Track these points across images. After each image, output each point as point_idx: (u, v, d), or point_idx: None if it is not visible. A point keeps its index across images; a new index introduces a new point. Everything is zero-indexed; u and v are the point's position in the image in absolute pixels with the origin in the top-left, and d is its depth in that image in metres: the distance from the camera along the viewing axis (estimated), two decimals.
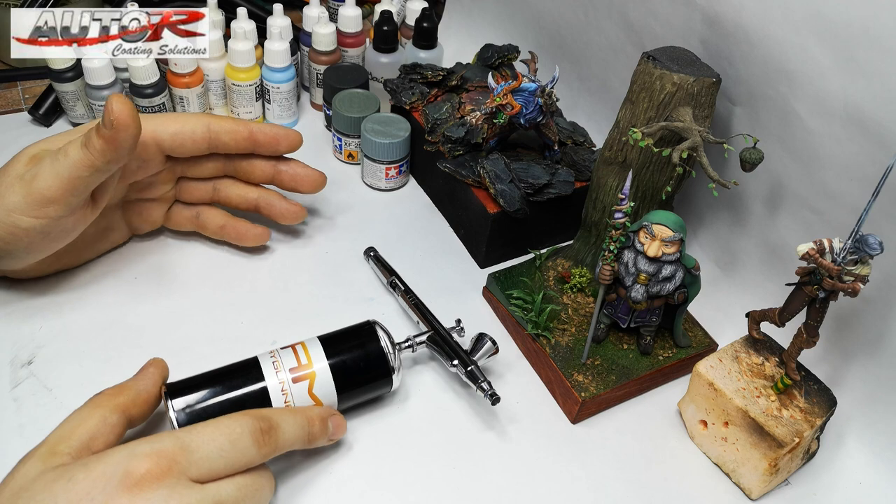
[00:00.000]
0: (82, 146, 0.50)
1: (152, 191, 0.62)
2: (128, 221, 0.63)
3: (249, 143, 0.60)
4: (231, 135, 0.60)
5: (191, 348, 0.57)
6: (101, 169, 0.50)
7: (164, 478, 0.39)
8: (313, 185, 0.64)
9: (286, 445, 0.46)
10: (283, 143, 0.61)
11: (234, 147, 0.60)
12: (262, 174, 0.63)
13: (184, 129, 0.58)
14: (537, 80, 0.63)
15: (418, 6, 0.83)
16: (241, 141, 0.60)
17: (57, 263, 0.59)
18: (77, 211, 0.53)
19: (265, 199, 0.65)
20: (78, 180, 0.50)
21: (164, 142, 0.58)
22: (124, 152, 0.50)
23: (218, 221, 0.64)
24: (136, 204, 0.62)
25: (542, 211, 0.66)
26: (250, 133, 0.60)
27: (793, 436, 0.50)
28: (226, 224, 0.64)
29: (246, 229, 0.64)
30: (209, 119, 0.59)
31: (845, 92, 0.52)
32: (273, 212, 0.65)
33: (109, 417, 0.44)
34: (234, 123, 0.60)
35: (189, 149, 0.59)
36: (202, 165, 0.62)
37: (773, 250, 0.62)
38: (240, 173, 0.64)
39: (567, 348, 0.58)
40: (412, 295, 0.61)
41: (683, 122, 0.54)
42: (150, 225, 0.64)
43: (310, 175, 0.64)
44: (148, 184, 0.61)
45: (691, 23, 0.63)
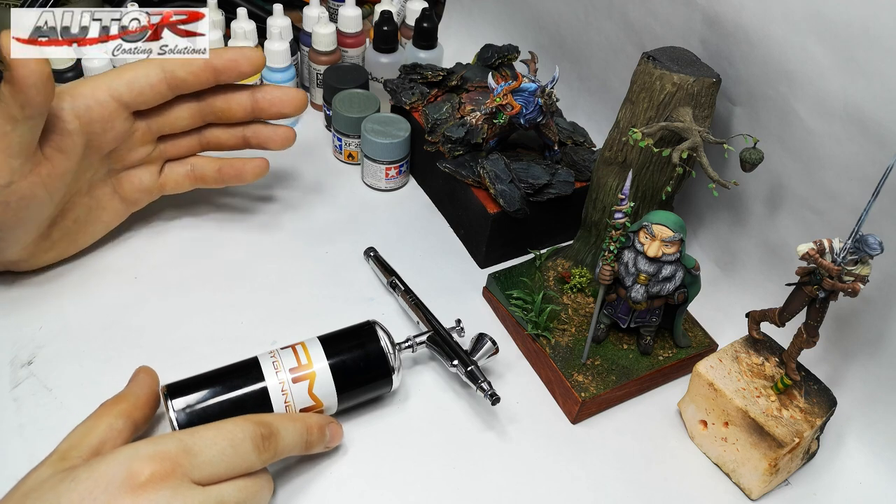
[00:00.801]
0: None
1: (133, 155, 0.59)
2: (121, 196, 0.61)
3: (209, 72, 0.57)
4: (187, 69, 0.57)
5: (191, 348, 0.57)
6: (20, 117, 0.48)
7: (166, 480, 0.39)
8: (294, 104, 0.61)
9: (285, 451, 0.46)
10: (244, 64, 0.58)
11: (194, 83, 0.57)
12: (241, 108, 0.61)
13: (137, 75, 0.55)
14: (537, 81, 0.63)
15: (418, 6, 0.83)
16: (200, 73, 0.57)
17: (53, 249, 0.58)
18: (28, 173, 0.51)
19: (252, 129, 0.63)
20: (5, 136, 0.48)
21: (122, 95, 0.55)
22: (35, 93, 0.47)
23: (213, 166, 0.63)
24: (125, 175, 0.60)
25: (542, 211, 0.66)
26: (206, 62, 0.57)
27: (793, 436, 0.50)
28: (222, 166, 0.63)
29: (243, 164, 0.63)
30: (161, 60, 0.57)
31: (845, 92, 0.52)
32: (262, 139, 0.63)
33: (115, 423, 0.45)
34: (186, 60, 0.57)
35: (150, 96, 0.56)
36: (174, 114, 0.59)
37: (773, 250, 0.62)
38: (219, 116, 0.61)
39: (567, 348, 0.58)
40: (412, 295, 0.61)
41: (683, 122, 0.54)
42: (144, 194, 0.62)
43: (288, 94, 0.61)
44: (126, 149, 0.59)
45: (691, 23, 0.63)
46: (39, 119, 0.50)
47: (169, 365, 0.52)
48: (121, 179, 0.60)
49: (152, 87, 0.56)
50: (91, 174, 0.58)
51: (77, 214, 0.58)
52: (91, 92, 0.54)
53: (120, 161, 0.59)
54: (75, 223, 0.58)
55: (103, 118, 0.55)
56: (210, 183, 0.64)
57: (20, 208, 0.52)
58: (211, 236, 0.67)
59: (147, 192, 0.62)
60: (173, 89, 0.57)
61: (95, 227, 0.61)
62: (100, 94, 0.54)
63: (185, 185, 0.64)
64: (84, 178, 0.57)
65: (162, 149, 0.61)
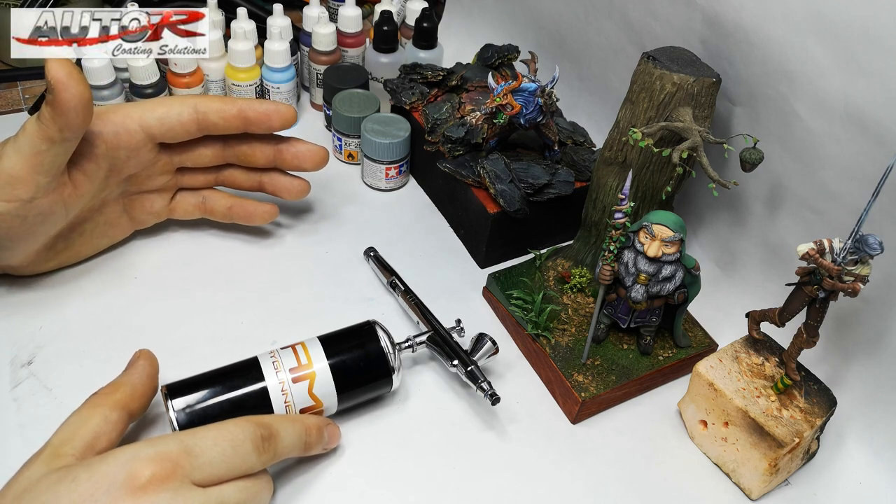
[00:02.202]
0: (36, 119, 0.49)
1: (151, 182, 0.61)
2: (130, 215, 0.62)
3: (240, 121, 0.59)
4: (220, 114, 0.58)
5: (191, 348, 0.57)
6: (57, 139, 0.49)
7: (167, 481, 0.39)
8: (316, 160, 0.63)
9: (285, 452, 0.46)
10: (276, 119, 0.59)
11: (224, 127, 0.59)
12: (263, 156, 0.62)
13: (170, 112, 0.57)
14: (537, 80, 0.63)
15: (418, 6, 0.83)
16: (231, 119, 0.58)
17: (55, 259, 0.59)
18: (51, 192, 0.51)
19: (270, 177, 0.64)
20: (39, 155, 0.49)
21: (151, 127, 0.56)
22: (75, 116, 0.48)
23: (225, 203, 0.64)
24: (137, 197, 0.62)
25: (542, 211, 0.66)
26: (239, 111, 0.58)
27: (793, 436, 0.50)
28: (233, 205, 0.64)
29: (254, 207, 0.64)
30: (196, 100, 0.58)
31: (845, 92, 0.52)
32: (278, 188, 0.64)
33: (110, 415, 0.44)
34: (221, 102, 0.58)
35: (178, 132, 0.58)
36: (199, 152, 0.61)
37: (773, 250, 0.62)
38: (241, 159, 0.62)
39: (567, 348, 0.58)
40: (412, 295, 0.61)
41: (683, 122, 0.54)
42: (153, 217, 0.63)
43: (312, 150, 0.62)
44: (146, 176, 0.60)
45: (691, 23, 0.63)
46: (74, 141, 0.51)
47: (169, 365, 0.52)
48: (133, 201, 0.61)
49: (182, 125, 0.57)
50: (106, 193, 0.58)
51: (84, 228, 0.59)
52: (122, 120, 0.55)
53: (137, 185, 0.60)
54: (81, 236, 0.59)
55: (130, 146, 0.56)
56: (218, 217, 0.65)
57: (36, 223, 0.52)
58: (211, 237, 0.67)
59: (156, 216, 0.63)
60: (202, 130, 0.59)
61: (100, 241, 0.62)
62: (130, 124, 0.55)
63: (194, 214, 0.65)
64: (100, 197, 0.58)
65: (179, 179, 0.63)
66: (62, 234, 0.58)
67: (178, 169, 0.62)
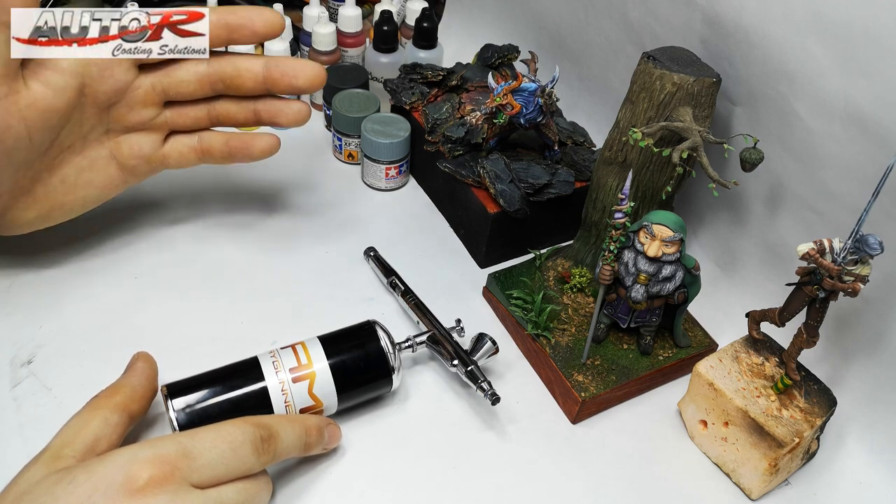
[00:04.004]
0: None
1: (135, 115, 0.56)
2: (118, 161, 0.57)
3: (221, 27, 0.55)
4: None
5: (191, 348, 0.57)
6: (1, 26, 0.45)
7: (165, 483, 0.39)
8: (308, 76, 0.56)
9: (284, 453, 0.46)
10: (259, 22, 0.55)
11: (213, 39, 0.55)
12: (251, 77, 0.56)
13: None
14: (537, 80, 0.63)
15: (418, 6, 0.83)
16: (211, 27, 0.54)
17: (34, 207, 0.54)
18: (2, 98, 0.47)
19: (265, 103, 0.58)
20: None
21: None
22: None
23: (221, 138, 0.59)
24: (124, 139, 0.57)
25: (542, 211, 0.66)
26: (219, 17, 0.54)
27: (793, 436, 0.50)
28: (230, 138, 0.59)
29: (252, 137, 0.59)
30: (166, 12, 0.54)
31: (845, 92, 0.52)
32: (274, 113, 0.58)
33: (111, 418, 0.44)
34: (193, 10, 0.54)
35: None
36: (180, 74, 0.56)
37: (773, 250, 0.62)
38: (227, 83, 0.57)
39: (567, 348, 0.58)
40: (412, 295, 0.61)
41: (683, 122, 0.54)
42: (144, 162, 0.58)
43: (305, 67, 0.56)
44: (127, 107, 0.55)
45: (691, 23, 0.63)
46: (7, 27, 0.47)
47: (169, 365, 0.52)
48: (119, 143, 0.57)
49: None
50: (86, 130, 0.54)
51: (66, 173, 0.54)
52: None
53: (119, 120, 0.56)
54: (63, 183, 0.54)
55: (102, 62, 0.52)
56: (217, 157, 0.60)
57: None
58: (210, 236, 0.67)
59: (147, 161, 0.58)
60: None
61: (87, 191, 0.57)
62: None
63: (191, 160, 0.60)
64: (77, 132, 0.54)
65: (168, 116, 0.58)
66: (39, 176, 0.53)
67: (165, 104, 0.57)
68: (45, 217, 0.56)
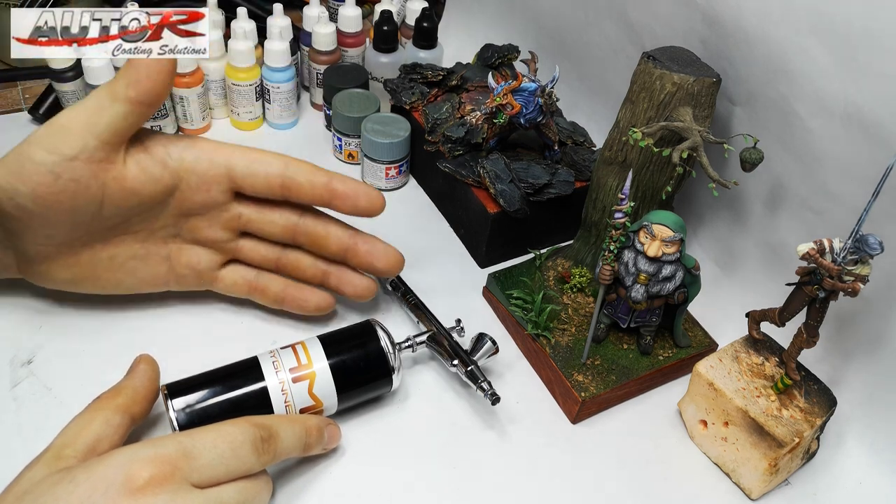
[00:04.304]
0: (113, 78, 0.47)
1: (209, 232, 0.55)
2: (171, 264, 0.56)
3: (327, 191, 0.54)
4: (308, 177, 0.53)
5: (191, 348, 0.57)
6: (121, 96, 0.46)
7: (165, 483, 0.39)
8: (391, 262, 0.57)
9: (284, 453, 0.46)
10: (363, 199, 0.54)
11: (308, 192, 0.54)
12: (337, 242, 0.56)
13: (262, 159, 0.53)
14: (537, 80, 0.63)
15: (418, 6, 0.83)
16: (319, 187, 0.53)
17: (70, 270, 0.53)
18: (95, 161, 0.47)
19: (337, 269, 0.58)
20: (99, 111, 0.46)
21: (236, 166, 0.52)
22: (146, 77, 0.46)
23: (280, 284, 0.58)
24: (187, 246, 0.56)
25: (542, 211, 0.66)
26: (329, 180, 0.54)
27: (793, 436, 0.50)
28: (288, 286, 0.58)
29: (311, 293, 0.58)
30: (288, 159, 0.54)
31: (845, 92, 0.52)
32: (344, 282, 0.58)
33: (112, 419, 0.45)
34: (312, 168, 0.54)
35: (261, 184, 0.53)
36: (271, 217, 0.55)
37: (773, 250, 0.62)
38: (311, 240, 0.56)
39: (567, 348, 0.58)
40: (412, 295, 0.61)
41: (683, 122, 0.54)
42: (194, 277, 0.57)
43: (388, 252, 0.57)
44: (206, 222, 0.55)
45: (691, 23, 0.63)
46: (140, 111, 0.48)
47: (169, 365, 0.52)
48: (181, 249, 0.56)
49: (268, 178, 0.53)
50: (158, 225, 0.54)
51: (117, 252, 0.54)
52: (211, 150, 0.52)
53: (193, 230, 0.55)
54: (110, 260, 0.54)
55: (206, 177, 0.52)
56: (268, 300, 0.58)
57: (65, 191, 0.47)
58: None
59: (197, 276, 0.57)
60: (285, 190, 0.54)
61: (127, 277, 0.55)
62: (217, 156, 0.52)
63: (241, 291, 0.58)
64: (148, 223, 0.53)
65: (238, 245, 0.57)
66: (91, 243, 0.52)
67: (241, 234, 0.57)
68: (75, 282, 0.55)
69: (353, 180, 0.55)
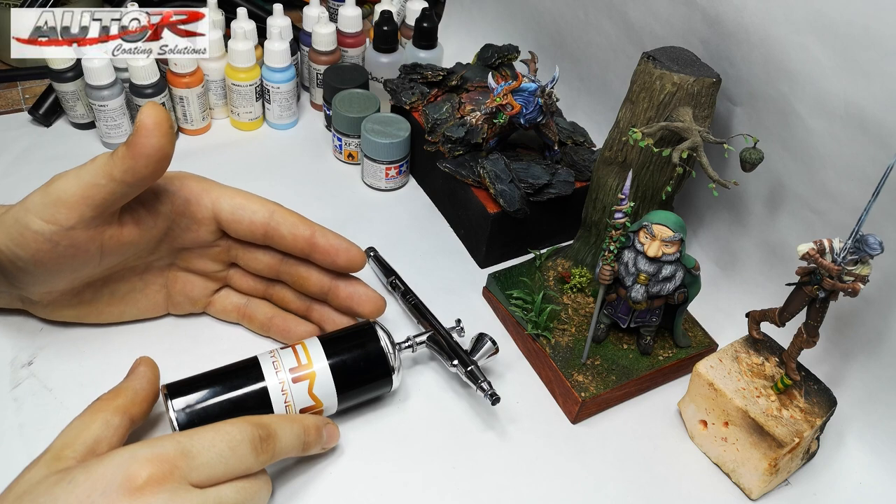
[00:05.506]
0: (110, 154, 0.47)
1: (201, 263, 0.57)
2: (168, 293, 0.58)
3: (307, 245, 0.55)
4: (292, 230, 0.54)
5: (191, 348, 0.57)
6: (118, 179, 0.47)
7: (164, 482, 0.39)
8: (373, 306, 0.57)
9: (283, 453, 0.46)
10: (342, 258, 0.55)
11: (290, 244, 0.55)
12: (318, 285, 0.57)
13: (247, 205, 0.54)
14: (537, 80, 0.63)
15: (418, 6, 0.83)
16: (300, 240, 0.54)
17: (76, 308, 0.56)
18: (92, 228, 0.49)
19: (319, 307, 0.58)
20: (95, 188, 0.47)
21: (222, 211, 0.54)
22: (144, 166, 0.47)
23: (267, 312, 0.59)
24: (182, 275, 0.58)
25: (542, 211, 0.66)
26: (312, 234, 0.55)
27: (793, 436, 0.50)
28: (275, 316, 0.59)
29: (296, 324, 0.59)
30: (276, 207, 0.55)
31: (846, 92, 0.52)
32: (326, 322, 0.58)
33: (112, 420, 0.45)
34: (298, 220, 0.55)
35: (244, 229, 0.54)
36: (256, 256, 0.57)
37: (773, 250, 0.62)
38: (294, 280, 0.57)
39: (567, 348, 0.58)
40: (412, 295, 0.61)
41: (683, 122, 0.54)
42: (189, 304, 0.59)
43: (370, 295, 0.57)
44: (198, 255, 0.57)
45: (691, 23, 0.63)
46: (134, 190, 0.48)
47: (169, 365, 0.52)
48: (177, 278, 0.58)
49: (252, 225, 0.54)
50: (154, 258, 0.56)
51: (118, 287, 0.56)
52: (199, 191, 0.53)
53: (186, 261, 0.57)
54: (111, 294, 0.56)
55: (194, 220, 0.54)
56: (255, 327, 0.60)
57: (65, 255, 0.49)
58: None
59: (192, 302, 0.59)
60: (267, 238, 0.55)
61: (128, 308, 0.58)
62: (205, 198, 0.53)
63: (231, 316, 0.60)
64: (145, 258, 0.55)
65: (229, 274, 0.59)
66: (93, 284, 0.55)
67: (231, 264, 0.59)
68: (79, 317, 0.57)
69: (336, 236, 0.55)
